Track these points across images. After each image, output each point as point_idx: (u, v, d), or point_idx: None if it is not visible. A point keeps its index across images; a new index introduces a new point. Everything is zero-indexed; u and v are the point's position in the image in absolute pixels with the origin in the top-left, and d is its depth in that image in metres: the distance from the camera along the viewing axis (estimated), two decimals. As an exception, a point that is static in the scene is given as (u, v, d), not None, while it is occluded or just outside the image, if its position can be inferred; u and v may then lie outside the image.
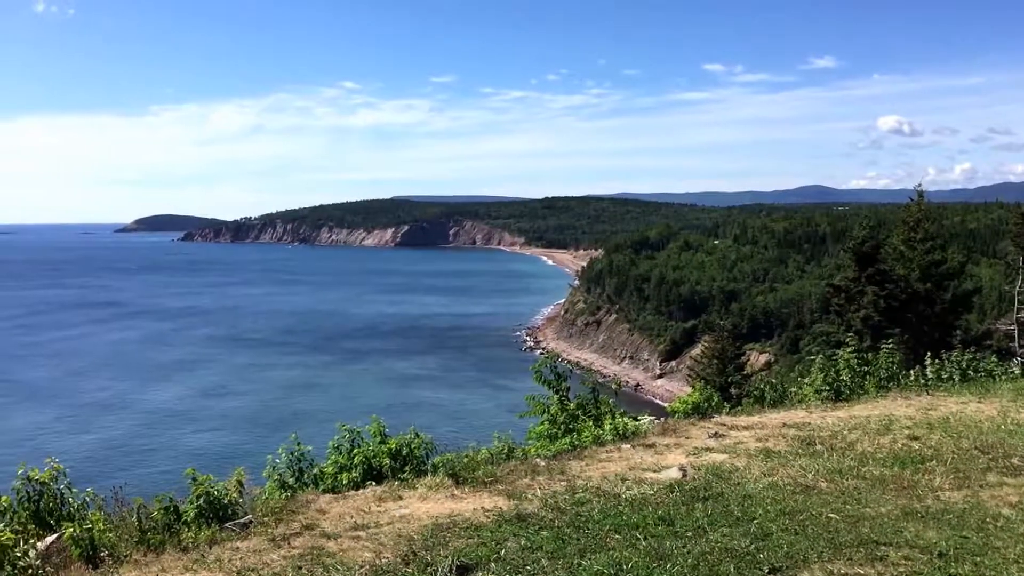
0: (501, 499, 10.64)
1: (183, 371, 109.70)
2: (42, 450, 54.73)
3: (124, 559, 9.38)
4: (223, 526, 10.58)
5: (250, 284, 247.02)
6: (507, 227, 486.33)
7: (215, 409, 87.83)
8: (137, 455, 70.26)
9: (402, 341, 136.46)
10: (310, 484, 13.28)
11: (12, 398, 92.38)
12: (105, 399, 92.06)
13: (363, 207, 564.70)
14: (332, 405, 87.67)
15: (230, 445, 73.53)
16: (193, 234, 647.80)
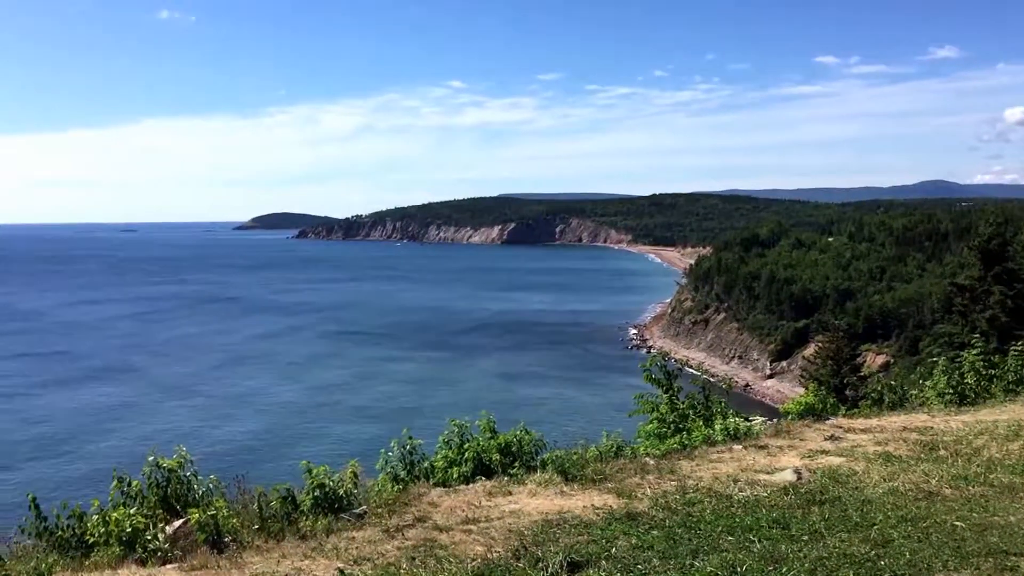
0: (611, 497, 10.61)
1: (295, 366, 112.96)
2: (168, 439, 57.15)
3: (247, 545, 9.75)
4: (339, 516, 10.89)
5: (360, 281, 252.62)
6: (613, 224, 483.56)
7: (327, 403, 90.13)
8: (254, 446, 72.72)
9: (508, 338, 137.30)
10: (421, 477, 13.52)
11: (138, 389, 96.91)
12: (223, 392, 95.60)
13: (470, 205, 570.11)
14: (439, 400, 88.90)
15: (342, 438, 75.37)
16: (306, 231, 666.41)
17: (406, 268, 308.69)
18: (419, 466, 14.00)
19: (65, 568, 9.15)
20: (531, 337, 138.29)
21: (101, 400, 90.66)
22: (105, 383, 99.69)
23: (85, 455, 69.62)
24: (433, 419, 68.95)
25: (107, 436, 75.97)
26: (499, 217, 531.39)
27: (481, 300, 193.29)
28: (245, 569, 8.82)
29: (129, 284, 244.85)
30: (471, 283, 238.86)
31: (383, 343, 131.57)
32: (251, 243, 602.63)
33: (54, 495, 12.28)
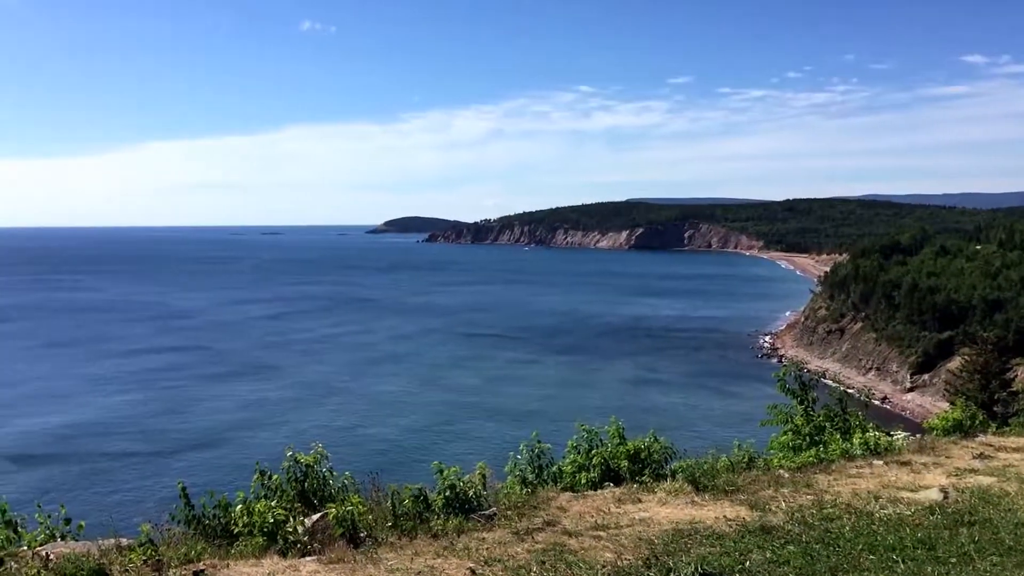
0: (743, 509, 10.39)
1: (425, 366, 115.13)
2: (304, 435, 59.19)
3: (381, 541, 10.01)
4: (469, 516, 11.06)
5: (488, 284, 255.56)
6: (744, 230, 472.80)
7: (456, 403, 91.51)
8: (385, 444, 74.54)
9: (636, 343, 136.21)
10: (549, 481, 13.58)
11: (277, 385, 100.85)
12: (356, 391, 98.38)
13: (598, 209, 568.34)
14: (566, 404, 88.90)
15: (470, 439, 76.42)
16: (436, 235, 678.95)
17: (534, 272, 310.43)
18: (547, 470, 14.06)
19: (212, 556, 9.58)
20: (659, 343, 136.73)
21: (244, 395, 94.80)
22: (247, 379, 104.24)
23: (228, 447, 72.94)
24: (560, 423, 69.06)
25: (248, 429, 79.35)
26: (627, 222, 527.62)
27: (609, 305, 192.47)
28: (380, 565, 9.05)
29: (272, 284, 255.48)
30: (599, 288, 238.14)
31: (511, 346, 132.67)
32: (383, 246, 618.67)
33: (201, 485, 12.88)
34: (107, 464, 68.20)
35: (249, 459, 59.11)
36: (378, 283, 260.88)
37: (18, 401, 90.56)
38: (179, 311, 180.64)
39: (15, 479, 60.62)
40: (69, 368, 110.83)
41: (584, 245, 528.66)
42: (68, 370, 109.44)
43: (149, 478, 63.84)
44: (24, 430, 78.41)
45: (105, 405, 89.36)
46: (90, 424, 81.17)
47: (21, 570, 9.01)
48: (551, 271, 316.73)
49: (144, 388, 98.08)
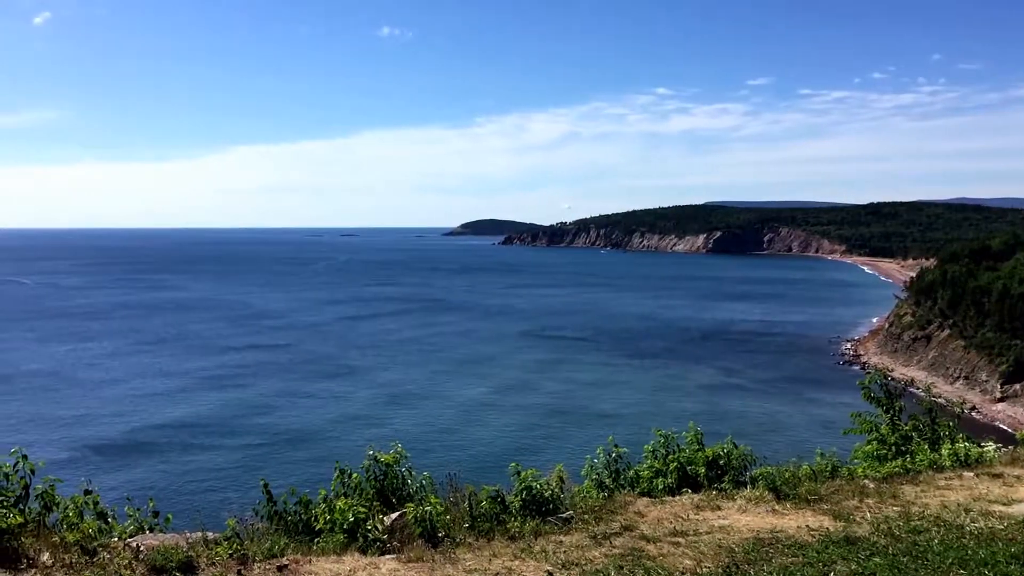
0: (826, 519, 10.18)
1: (499, 368, 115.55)
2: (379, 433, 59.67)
3: (459, 542, 10.09)
4: (546, 519, 11.06)
5: (563, 287, 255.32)
6: (826, 234, 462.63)
7: (529, 405, 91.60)
8: (460, 444, 75.05)
9: (712, 347, 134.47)
10: (626, 486, 13.50)
11: (354, 384, 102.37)
12: (430, 390, 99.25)
13: (675, 213, 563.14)
14: (642, 408, 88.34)
15: (544, 441, 76.42)
16: (512, 238, 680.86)
17: (610, 275, 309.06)
18: (624, 474, 13.98)
19: (295, 551, 9.77)
20: (737, 348, 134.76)
21: (323, 394, 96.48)
22: (326, 378, 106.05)
23: (308, 444, 74.28)
24: (637, 427, 68.69)
25: (327, 428, 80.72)
26: (705, 225, 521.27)
27: (686, 309, 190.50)
28: (459, 565, 9.12)
29: (350, 285, 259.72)
30: (676, 292, 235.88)
31: (587, 349, 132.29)
32: (459, 248, 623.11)
33: (282, 481, 13.17)
34: (192, 459, 70.15)
35: (328, 457, 59.98)
36: (454, 285, 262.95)
37: (108, 397, 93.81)
38: (260, 311, 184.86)
39: (105, 471, 62.75)
40: (156, 365, 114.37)
41: (661, 249, 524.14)
42: (155, 367, 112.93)
43: (232, 473, 65.46)
44: (113, 425, 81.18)
45: (189, 402, 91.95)
46: (175, 420, 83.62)
47: (113, 560, 9.31)
48: (627, 274, 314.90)
49: (226, 386, 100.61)
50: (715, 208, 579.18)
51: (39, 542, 9.73)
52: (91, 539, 9.95)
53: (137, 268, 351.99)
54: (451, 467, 16.96)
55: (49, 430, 77.97)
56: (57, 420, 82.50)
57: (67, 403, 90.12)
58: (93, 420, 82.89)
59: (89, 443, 74.40)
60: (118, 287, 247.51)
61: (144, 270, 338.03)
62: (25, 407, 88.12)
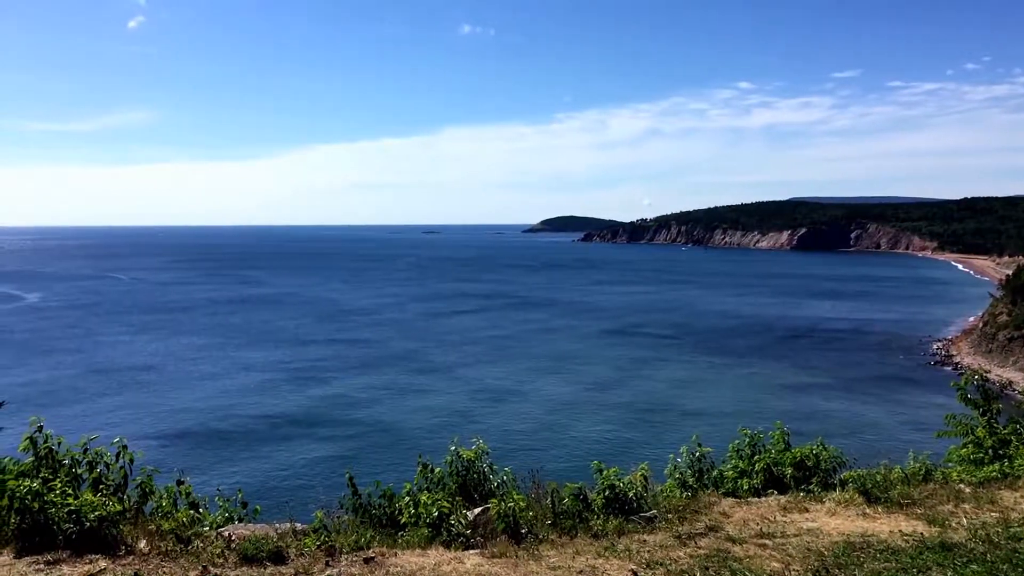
0: (920, 524, 9.89)
1: (574, 362, 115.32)
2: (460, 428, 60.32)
3: (542, 538, 10.11)
4: (629, 518, 11.00)
5: (643, 283, 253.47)
6: (916, 230, 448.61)
7: (608, 402, 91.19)
8: (539, 441, 75.15)
9: (796, 345, 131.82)
10: (710, 486, 13.34)
11: (433, 378, 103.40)
12: (507, 385, 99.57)
13: (757, 209, 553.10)
14: (722, 406, 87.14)
15: (622, 438, 76.02)
16: (592, 234, 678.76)
17: (691, 272, 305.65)
18: (708, 474, 13.83)
19: (381, 544, 9.92)
20: (823, 346, 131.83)
21: (403, 388, 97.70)
22: (407, 373, 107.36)
23: (390, 438, 75.33)
24: (720, 426, 67.83)
25: (409, 422, 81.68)
26: (789, 222, 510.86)
27: (769, 306, 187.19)
28: (542, 562, 9.13)
29: (430, 281, 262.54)
30: (759, 289, 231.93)
31: (667, 346, 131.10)
32: (538, 245, 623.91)
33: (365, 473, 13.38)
34: (277, 450, 71.80)
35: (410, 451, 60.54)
36: (534, 282, 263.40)
37: (197, 389, 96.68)
38: (343, 306, 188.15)
39: (195, 462, 64.71)
40: (242, 359, 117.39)
41: (743, 245, 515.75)
42: (241, 361, 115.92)
43: (316, 466, 66.80)
44: (202, 417, 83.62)
45: (273, 395, 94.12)
46: (261, 413, 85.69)
47: (206, 549, 9.60)
48: (709, 271, 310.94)
49: (309, 379, 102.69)
50: (799, 204, 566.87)
51: (136, 530, 10.09)
52: (185, 528, 10.29)
53: (224, 264, 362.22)
54: (532, 464, 17.01)
55: (141, 421, 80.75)
56: (149, 411, 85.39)
57: (158, 395, 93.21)
58: (183, 412, 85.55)
59: (178, 434, 76.83)
60: (206, 283, 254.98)
61: (231, 266, 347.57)
62: (120, 398, 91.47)
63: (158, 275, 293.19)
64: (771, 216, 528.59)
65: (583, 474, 13.79)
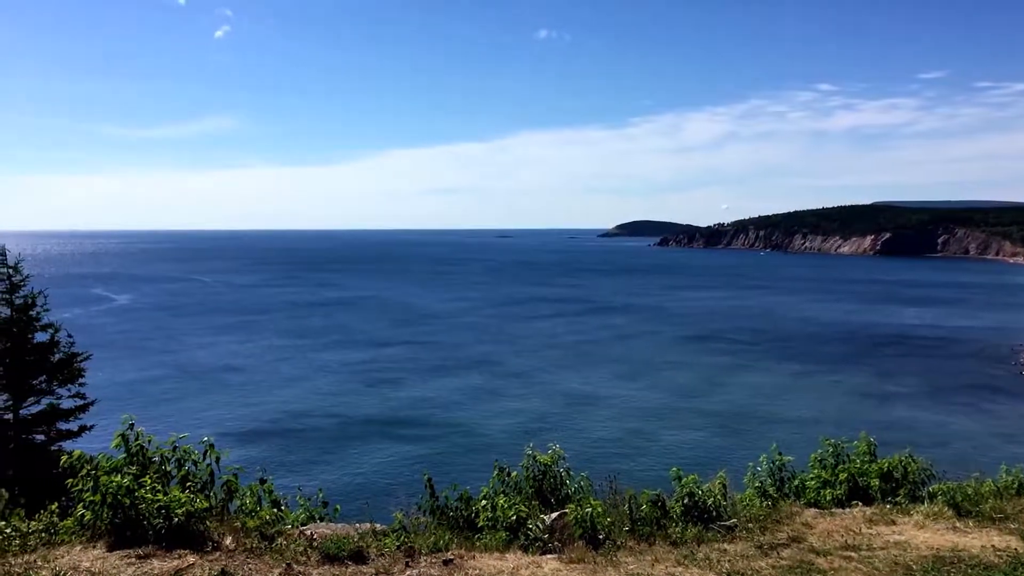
0: (1014, 539, 9.54)
1: (650, 368, 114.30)
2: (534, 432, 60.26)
3: (620, 544, 10.06)
4: (708, 526, 10.86)
5: (719, 288, 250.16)
6: (1008, 235, 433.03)
7: (682, 408, 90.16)
8: (613, 446, 74.70)
9: (879, 352, 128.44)
10: (791, 495, 13.09)
11: (505, 382, 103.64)
12: (582, 390, 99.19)
13: (839, 213, 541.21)
14: (801, 415, 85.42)
15: (699, 445, 75.07)
16: (668, 239, 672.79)
17: (770, 277, 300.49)
18: (789, 484, 13.57)
19: (459, 546, 9.99)
20: (908, 353, 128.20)
21: (477, 391, 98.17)
22: (481, 375, 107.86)
23: (464, 440, 75.75)
24: (799, 435, 66.55)
25: (484, 425, 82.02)
26: (872, 226, 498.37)
27: (851, 313, 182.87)
28: (620, 568, 9.08)
29: (504, 286, 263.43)
30: (841, 294, 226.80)
31: (745, 353, 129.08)
32: (614, 249, 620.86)
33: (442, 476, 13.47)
34: (354, 451, 72.82)
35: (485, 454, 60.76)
36: (608, 286, 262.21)
37: (276, 389, 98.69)
38: (418, 309, 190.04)
39: (274, 460, 66.05)
40: (320, 360, 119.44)
41: (824, 250, 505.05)
42: (319, 362, 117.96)
43: (392, 466, 67.53)
44: (280, 416, 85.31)
45: (350, 396, 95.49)
46: (337, 413, 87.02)
47: (289, 547, 9.80)
48: (788, 277, 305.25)
49: (384, 381, 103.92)
50: (883, 208, 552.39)
51: (222, 527, 10.35)
52: (269, 526, 10.52)
53: (303, 267, 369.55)
54: (607, 469, 16.95)
55: (223, 420, 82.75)
56: (230, 411, 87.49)
57: (240, 395, 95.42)
58: (263, 412, 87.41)
59: (259, 433, 78.51)
60: (286, 285, 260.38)
61: (309, 269, 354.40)
62: (202, 397, 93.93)
63: (240, 277, 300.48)
64: (853, 220, 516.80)
65: (660, 481, 13.66)
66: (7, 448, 26.87)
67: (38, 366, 27.71)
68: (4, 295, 27.67)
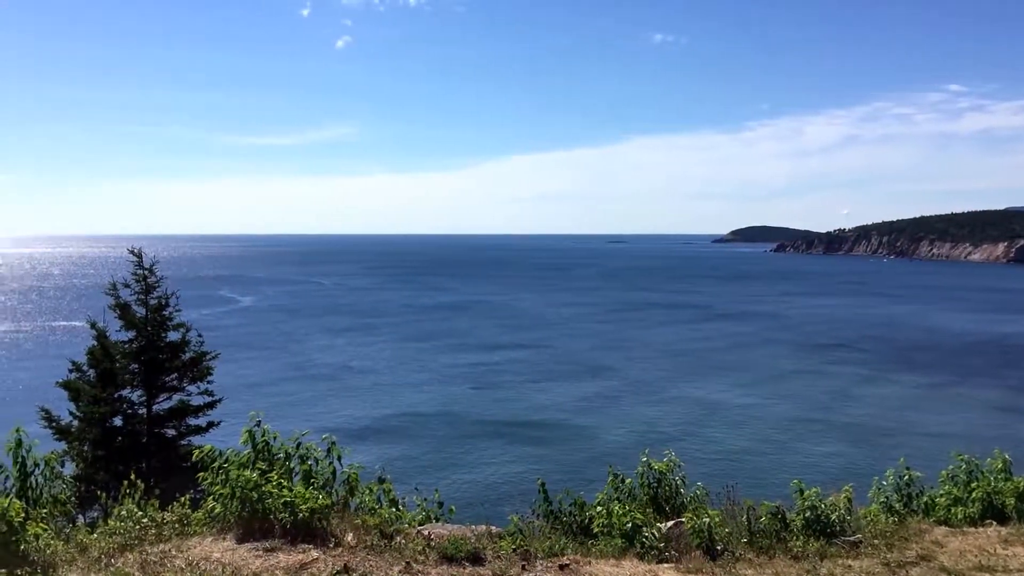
0: None
1: (766, 376, 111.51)
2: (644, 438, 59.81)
3: (739, 556, 9.86)
4: (831, 541, 10.54)
5: (837, 296, 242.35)
6: None
7: (800, 417, 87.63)
8: (725, 454, 73.28)
9: (1011, 365, 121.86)
10: (918, 512, 12.58)
11: (618, 387, 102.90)
12: (695, 397, 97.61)
13: (969, 219, 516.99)
14: (928, 429, 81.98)
15: (819, 458, 72.91)
16: (785, 245, 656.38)
17: (894, 285, 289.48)
18: (917, 500, 13.07)
19: (574, 552, 9.98)
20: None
21: (589, 395, 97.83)
22: (591, 379, 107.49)
23: (575, 444, 75.65)
24: (923, 449, 63.90)
25: (595, 429, 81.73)
26: (1006, 232, 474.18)
27: (981, 323, 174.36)
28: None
29: (615, 291, 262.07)
30: (970, 304, 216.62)
31: (864, 361, 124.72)
32: (729, 255, 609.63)
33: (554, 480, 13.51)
34: (465, 451, 73.63)
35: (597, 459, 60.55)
36: (724, 292, 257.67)
37: (391, 389, 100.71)
38: (530, 313, 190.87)
39: (389, 459, 67.40)
40: (433, 361, 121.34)
41: (952, 258, 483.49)
42: (432, 363, 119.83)
43: (503, 469, 68.00)
44: (394, 416, 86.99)
45: (462, 397, 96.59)
46: (450, 413, 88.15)
47: (408, 546, 9.98)
48: (914, 284, 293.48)
49: (496, 384, 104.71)
50: (1017, 213, 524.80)
51: (343, 523, 10.63)
52: (388, 524, 10.75)
53: (418, 271, 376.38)
54: (722, 479, 16.61)
55: (339, 418, 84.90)
56: (346, 410, 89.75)
57: (355, 395, 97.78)
58: (377, 411, 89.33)
59: (374, 433, 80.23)
60: (401, 288, 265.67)
61: (424, 272, 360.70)
62: (319, 396, 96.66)
63: (357, 280, 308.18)
64: (985, 226, 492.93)
65: (777, 492, 13.33)
66: (141, 442, 28.23)
67: (170, 364, 29.00)
68: (140, 296, 29.02)
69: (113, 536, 10.20)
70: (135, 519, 10.82)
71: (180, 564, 9.10)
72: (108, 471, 26.47)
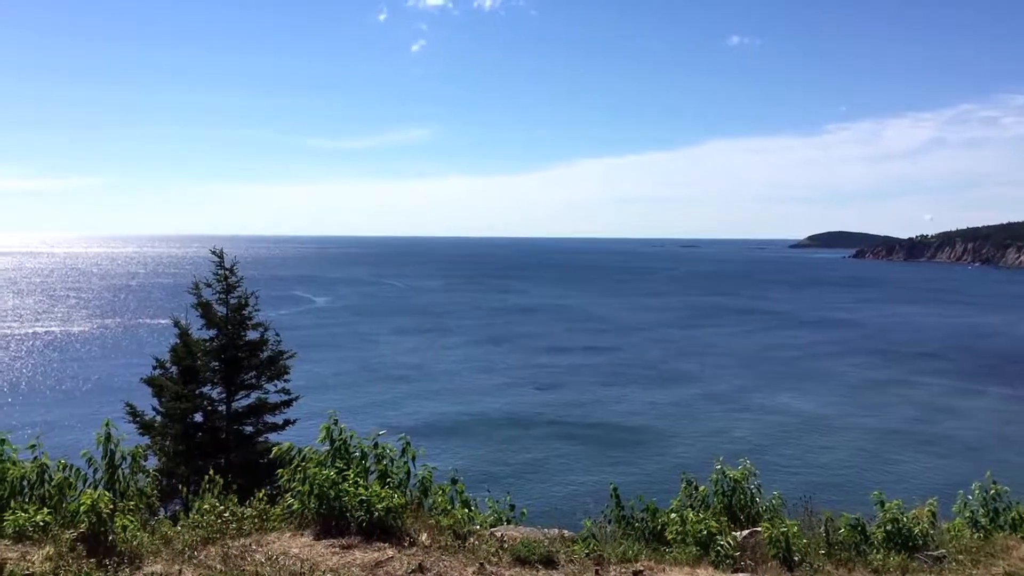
0: None
1: (840, 383, 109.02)
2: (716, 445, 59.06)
3: (817, 568, 9.67)
4: (913, 555, 10.27)
5: (918, 303, 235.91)
6: None
7: (878, 428, 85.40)
8: (800, 463, 71.92)
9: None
10: (1006, 528, 12.19)
11: (689, 393, 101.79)
12: (770, 404, 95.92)
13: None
14: (1016, 443, 79.33)
15: (898, 469, 71.07)
16: (864, 251, 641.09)
17: (979, 293, 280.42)
18: (1004, 515, 12.66)
19: (648, 558, 9.91)
20: None
21: (658, 400, 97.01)
22: (660, 384, 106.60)
23: (646, 449, 75.10)
24: (1011, 463, 61.80)
25: (666, 434, 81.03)
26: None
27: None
28: (820, 593, 8.74)
29: (687, 295, 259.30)
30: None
31: (950, 372, 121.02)
32: (805, 261, 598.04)
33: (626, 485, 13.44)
34: (535, 454, 73.67)
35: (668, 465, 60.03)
36: (800, 299, 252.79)
37: (461, 390, 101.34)
38: (601, 318, 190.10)
39: (459, 462, 67.82)
40: (504, 362, 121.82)
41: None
42: (503, 364, 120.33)
43: (574, 472, 67.84)
44: (465, 417, 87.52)
45: (533, 400, 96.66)
46: (521, 415, 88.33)
47: (481, 547, 10.04)
48: (1001, 293, 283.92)
49: (568, 387, 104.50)
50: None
51: (418, 523, 10.74)
52: (461, 525, 10.83)
53: (489, 274, 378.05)
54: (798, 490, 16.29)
55: (410, 418, 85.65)
56: (417, 410, 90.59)
57: (426, 395, 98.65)
58: (448, 411, 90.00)
59: (443, 433, 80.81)
60: (472, 291, 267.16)
61: (495, 275, 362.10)
62: (391, 396, 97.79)
63: (429, 282, 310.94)
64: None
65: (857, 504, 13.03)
66: (220, 438, 28.93)
67: (249, 362, 29.64)
68: (221, 295, 29.73)
69: (196, 529, 10.48)
70: (216, 513, 11.09)
71: (260, 558, 9.31)
72: (188, 466, 27.19)
